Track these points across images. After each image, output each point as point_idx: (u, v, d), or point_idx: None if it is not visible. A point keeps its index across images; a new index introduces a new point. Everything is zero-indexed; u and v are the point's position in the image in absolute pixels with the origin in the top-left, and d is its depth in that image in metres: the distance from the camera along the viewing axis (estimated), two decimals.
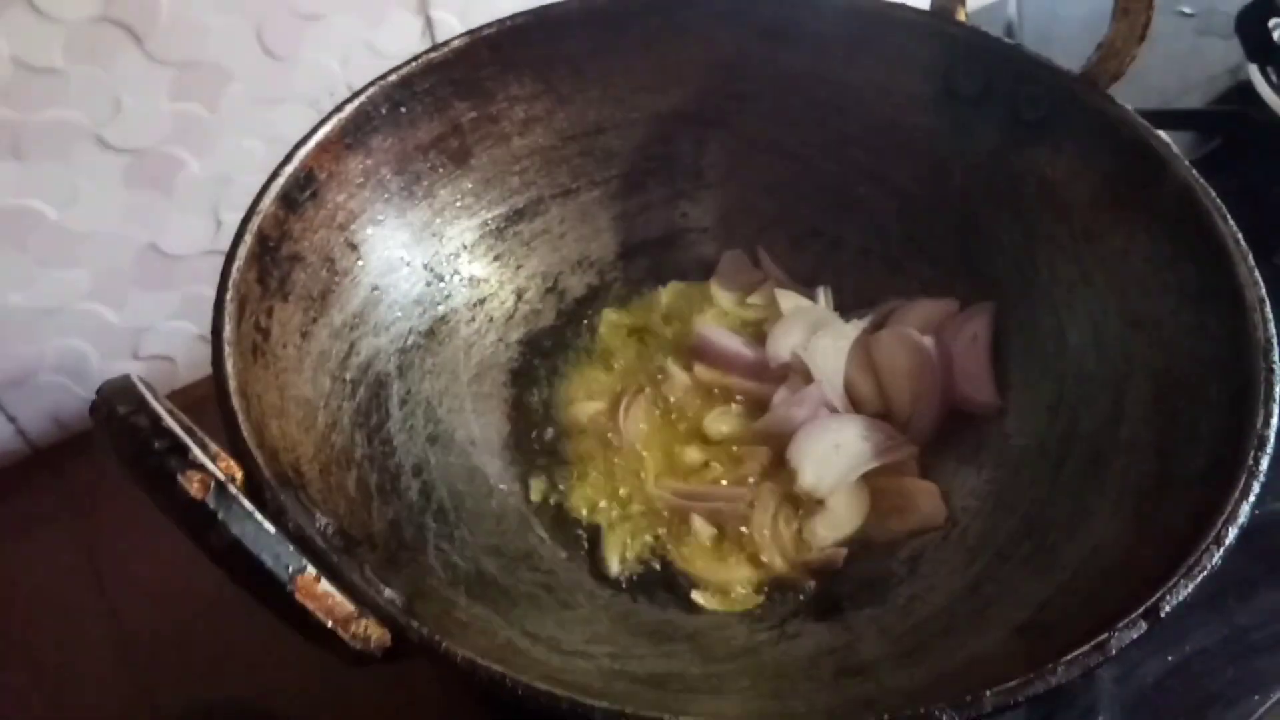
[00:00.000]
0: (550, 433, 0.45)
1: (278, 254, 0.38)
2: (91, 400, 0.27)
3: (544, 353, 0.48)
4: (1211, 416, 0.33)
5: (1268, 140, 0.63)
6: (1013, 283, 0.44)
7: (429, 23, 0.61)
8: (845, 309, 0.48)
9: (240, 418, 0.31)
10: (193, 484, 0.23)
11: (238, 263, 0.35)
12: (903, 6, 0.45)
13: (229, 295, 0.34)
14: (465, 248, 0.46)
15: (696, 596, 0.40)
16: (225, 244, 0.60)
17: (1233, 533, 0.28)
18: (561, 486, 0.44)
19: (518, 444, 0.44)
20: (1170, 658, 0.41)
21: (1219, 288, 0.35)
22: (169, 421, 0.23)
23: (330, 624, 0.24)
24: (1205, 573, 0.27)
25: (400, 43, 0.60)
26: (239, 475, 0.29)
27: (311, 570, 0.24)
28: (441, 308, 0.45)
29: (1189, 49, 0.76)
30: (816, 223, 0.50)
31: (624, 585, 0.41)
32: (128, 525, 0.54)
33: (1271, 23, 0.71)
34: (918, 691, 0.31)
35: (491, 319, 0.47)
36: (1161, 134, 0.39)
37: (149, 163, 0.54)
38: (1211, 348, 0.35)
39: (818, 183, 0.49)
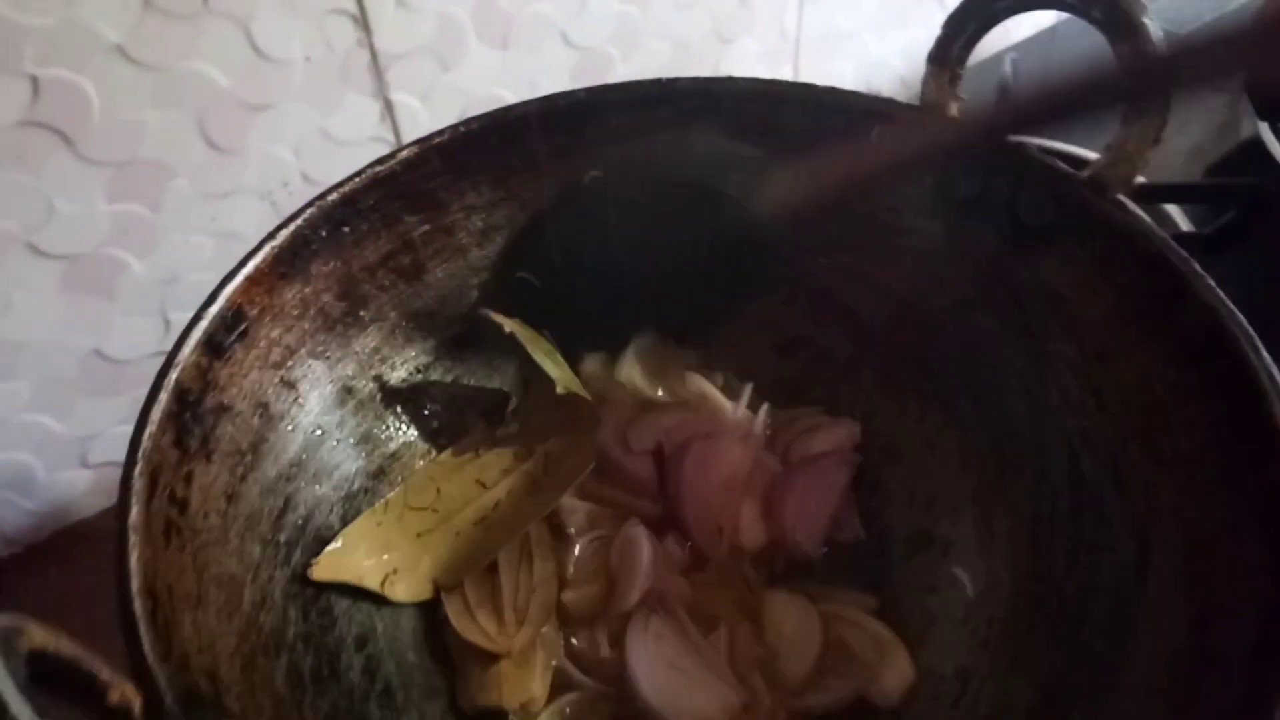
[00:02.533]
0: None
1: (199, 409, 0.34)
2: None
3: None
4: (1252, 582, 0.29)
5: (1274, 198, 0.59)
6: (1019, 405, 0.40)
7: (389, 106, 0.57)
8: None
9: (143, 626, 0.27)
10: None
11: (149, 428, 0.31)
12: (891, 101, 0.41)
13: (137, 470, 0.30)
14: (420, 371, 0.42)
15: None
16: None
17: None
18: None
19: None
20: None
21: (1252, 430, 0.31)
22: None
23: None
24: None
25: (357, 128, 0.57)
26: (137, 704, 0.25)
27: None
28: (392, 443, 0.41)
29: (1189, 104, 0.72)
30: (803, 329, 0.46)
31: None
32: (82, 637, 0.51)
33: None
34: None
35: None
36: (1182, 253, 0.35)
37: (88, 266, 0.52)
38: (1246, 500, 0.31)
39: (803, 286, 0.45)
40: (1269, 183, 0.57)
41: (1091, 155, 0.61)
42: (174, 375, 0.33)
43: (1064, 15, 0.37)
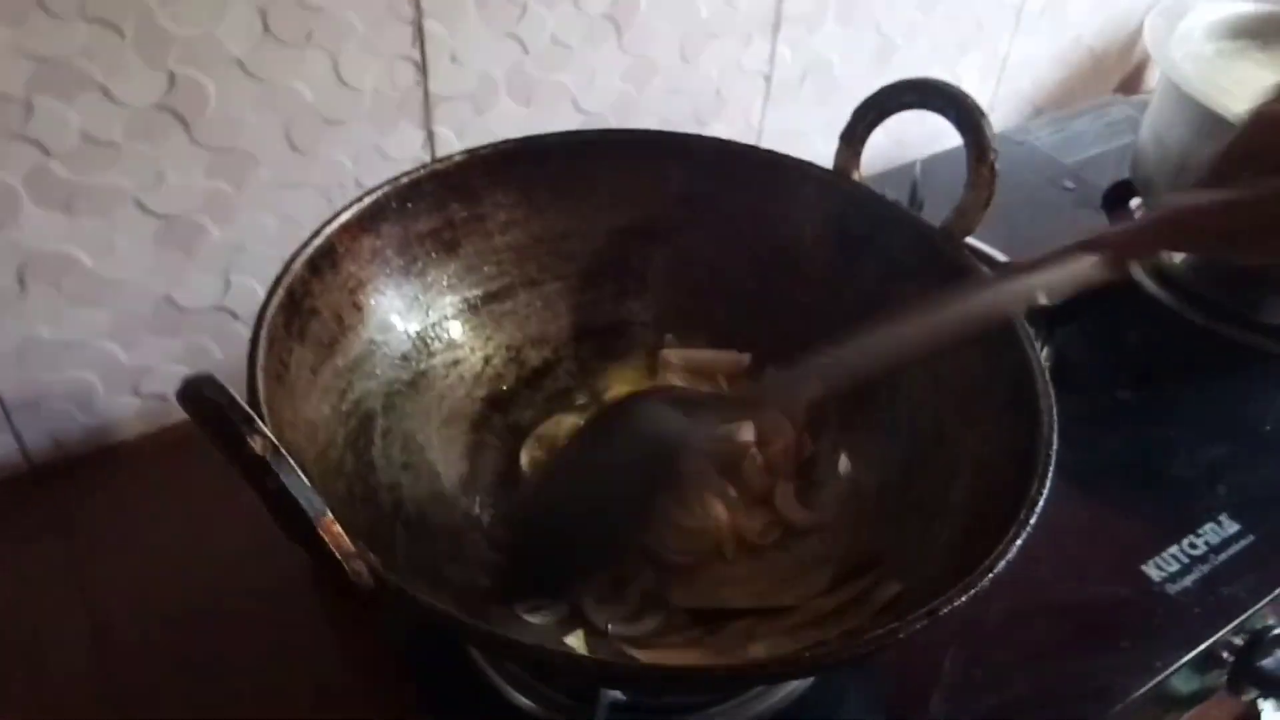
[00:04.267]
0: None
1: (301, 306, 0.47)
2: (173, 395, 0.35)
3: (502, 410, 0.58)
4: (1008, 488, 0.43)
5: (1120, 295, 0.76)
6: (883, 388, 0.55)
7: (430, 135, 0.72)
8: None
9: (266, 415, 0.40)
10: (256, 444, 0.32)
11: (271, 309, 0.45)
12: (813, 165, 0.57)
13: (263, 333, 0.44)
14: (447, 318, 0.57)
15: None
16: (231, 302, 0.69)
17: (1001, 565, 0.38)
18: None
19: (474, 479, 0.54)
20: None
21: (1026, 398, 0.46)
22: (240, 401, 0.33)
23: (338, 555, 0.33)
24: (974, 590, 0.37)
25: (404, 150, 0.71)
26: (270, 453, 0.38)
27: (329, 514, 0.33)
28: (423, 364, 0.55)
29: (1069, 218, 0.90)
30: (735, 327, 0.61)
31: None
32: (111, 544, 0.60)
33: (1133, 202, 0.85)
34: None
35: (463, 377, 0.57)
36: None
37: (178, 227, 0.63)
38: (1017, 440, 0.45)
39: (738, 295, 0.60)
40: None
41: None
42: (288, 279, 0.47)
43: None
